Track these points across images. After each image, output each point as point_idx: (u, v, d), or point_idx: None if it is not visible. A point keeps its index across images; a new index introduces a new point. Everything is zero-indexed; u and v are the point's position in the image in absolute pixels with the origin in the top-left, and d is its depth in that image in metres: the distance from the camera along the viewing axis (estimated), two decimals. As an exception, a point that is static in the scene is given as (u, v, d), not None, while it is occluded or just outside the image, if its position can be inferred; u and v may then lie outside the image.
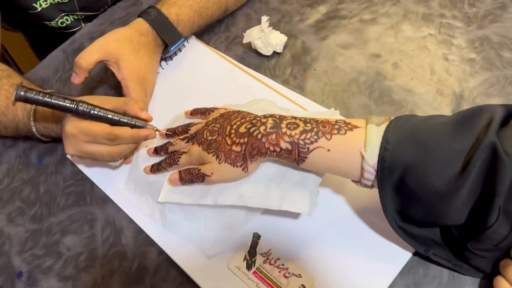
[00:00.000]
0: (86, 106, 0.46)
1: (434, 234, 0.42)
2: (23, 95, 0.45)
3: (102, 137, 0.46)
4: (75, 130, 0.47)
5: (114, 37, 0.54)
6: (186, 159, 0.46)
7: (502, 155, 0.34)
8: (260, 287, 0.44)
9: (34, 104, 0.46)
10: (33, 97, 0.45)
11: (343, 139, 0.39)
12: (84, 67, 0.51)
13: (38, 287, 0.50)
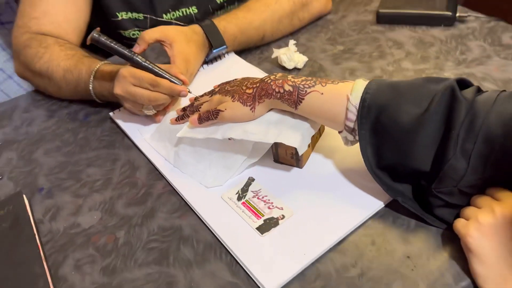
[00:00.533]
0: (140, 58, 0.59)
1: (406, 189, 0.47)
2: (97, 37, 0.58)
3: (147, 82, 0.58)
4: (127, 73, 0.59)
5: (173, 28, 0.68)
6: (207, 105, 0.56)
7: (459, 96, 0.42)
8: (246, 213, 0.49)
9: (103, 47, 0.59)
10: (104, 41, 0.59)
11: (335, 87, 0.48)
12: (146, 39, 0.64)
13: (53, 199, 0.57)
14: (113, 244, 0.50)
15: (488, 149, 0.41)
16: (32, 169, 0.62)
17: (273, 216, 0.49)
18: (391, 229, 0.46)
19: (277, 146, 0.53)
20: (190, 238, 0.49)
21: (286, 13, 0.76)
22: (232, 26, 0.73)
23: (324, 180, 0.52)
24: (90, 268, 0.48)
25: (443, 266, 0.42)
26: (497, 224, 0.39)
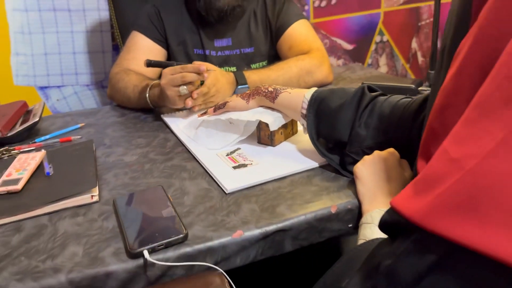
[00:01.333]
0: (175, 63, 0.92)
1: (335, 157, 0.70)
2: (148, 61, 0.93)
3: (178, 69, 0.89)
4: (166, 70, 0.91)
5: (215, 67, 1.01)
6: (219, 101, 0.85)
7: (367, 92, 0.67)
8: (228, 161, 0.74)
9: (155, 66, 0.94)
10: (154, 62, 0.93)
11: (298, 90, 0.75)
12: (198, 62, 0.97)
13: (110, 149, 0.85)
14: (141, 169, 0.76)
15: (380, 122, 0.64)
16: (102, 136, 0.93)
17: (244, 163, 0.73)
18: (316, 176, 0.68)
19: (259, 130, 0.80)
20: (190, 170, 0.74)
21: (294, 75, 1.07)
22: (255, 76, 1.05)
23: (286, 152, 0.76)
24: (122, 177, 0.74)
25: (343, 192, 0.63)
26: (374, 159, 0.61)
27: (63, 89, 1.70)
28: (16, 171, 0.73)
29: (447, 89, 0.42)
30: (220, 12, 1.11)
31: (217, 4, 1.10)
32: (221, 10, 1.11)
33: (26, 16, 1.59)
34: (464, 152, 0.34)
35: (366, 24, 2.18)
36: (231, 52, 1.19)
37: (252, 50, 1.21)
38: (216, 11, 1.11)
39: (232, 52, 1.19)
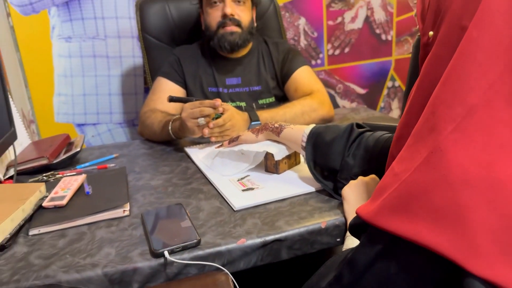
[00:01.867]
0: (194, 99, 1.07)
1: (329, 184, 0.82)
2: (170, 97, 1.09)
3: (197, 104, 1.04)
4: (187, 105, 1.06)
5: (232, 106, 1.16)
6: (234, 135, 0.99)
7: (355, 128, 0.80)
8: (238, 185, 0.87)
9: (176, 101, 1.09)
10: (175, 98, 1.09)
11: (299, 126, 0.88)
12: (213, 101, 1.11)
13: (140, 174, 0.99)
14: (165, 191, 0.89)
15: (366, 153, 0.76)
16: (133, 164, 1.07)
17: (252, 187, 0.85)
18: (312, 199, 0.80)
19: (266, 160, 0.92)
20: (205, 192, 0.87)
21: (299, 111, 1.21)
22: (266, 114, 1.19)
23: (288, 179, 0.89)
24: (149, 196, 0.87)
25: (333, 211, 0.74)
26: (357, 183, 0.72)
27: (98, 126, 1.89)
28: (62, 189, 0.87)
29: (401, 124, 0.55)
30: (232, 44, 1.29)
31: (229, 38, 1.29)
32: (232, 42, 1.29)
33: (69, 61, 1.81)
34: (402, 167, 0.46)
35: (378, 70, 2.33)
36: (241, 89, 1.36)
37: (259, 88, 1.37)
38: (228, 44, 1.30)
39: (242, 89, 1.36)
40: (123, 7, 1.79)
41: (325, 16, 2.14)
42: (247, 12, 1.32)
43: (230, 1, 1.28)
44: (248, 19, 1.32)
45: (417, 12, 0.55)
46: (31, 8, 1.70)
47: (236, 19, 1.29)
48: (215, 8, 1.30)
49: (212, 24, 1.31)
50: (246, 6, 1.32)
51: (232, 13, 1.28)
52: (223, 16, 1.28)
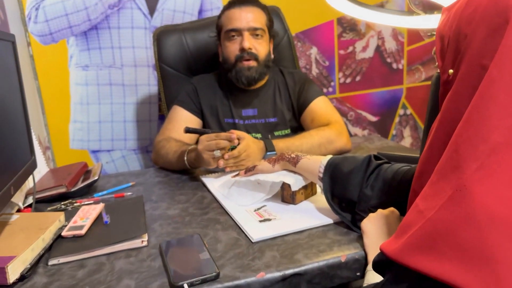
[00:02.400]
0: (210, 131, 1.08)
1: (347, 215, 0.81)
2: (187, 128, 1.10)
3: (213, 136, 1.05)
4: (203, 137, 1.07)
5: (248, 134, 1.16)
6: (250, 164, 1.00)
7: (373, 160, 0.80)
8: (254, 215, 0.87)
9: (192, 132, 1.11)
10: (191, 129, 1.10)
11: (316, 157, 0.89)
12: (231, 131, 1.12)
13: (157, 203, 1.00)
14: (182, 221, 0.90)
15: (384, 185, 0.76)
16: (150, 193, 1.08)
17: (269, 217, 0.85)
18: (330, 231, 0.80)
19: (283, 190, 0.93)
20: (222, 222, 0.87)
21: (316, 143, 1.22)
22: (281, 144, 1.20)
23: (305, 209, 0.89)
24: (166, 226, 0.87)
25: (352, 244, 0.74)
26: (377, 216, 0.72)
27: (112, 153, 1.92)
28: (80, 219, 0.88)
29: (422, 159, 0.55)
30: (249, 79, 1.32)
31: (246, 73, 1.31)
32: (249, 77, 1.31)
33: (86, 89, 1.85)
34: (427, 205, 0.46)
35: (390, 98, 2.34)
36: (257, 121, 1.37)
37: (275, 120, 1.38)
38: (246, 79, 1.32)
39: (258, 121, 1.37)
40: (140, 37, 1.84)
41: (337, 45, 2.18)
42: (264, 45, 1.35)
43: (248, 34, 1.31)
44: (266, 52, 1.35)
45: (436, 50, 0.56)
46: (50, 37, 1.76)
47: (253, 53, 1.31)
48: (233, 42, 1.33)
49: (230, 57, 1.33)
50: (264, 39, 1.34)
51: (250, 47, 1.30)
52: (241, 49, 1.31)
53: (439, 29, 0.56)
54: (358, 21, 2.18)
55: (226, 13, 1.35)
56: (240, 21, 1.31)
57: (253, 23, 1.31)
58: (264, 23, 1.34)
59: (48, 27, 1.74)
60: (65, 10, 1.74)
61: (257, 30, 1.32)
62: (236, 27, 1.31)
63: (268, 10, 1.40)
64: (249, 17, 1.31)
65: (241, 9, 1.32)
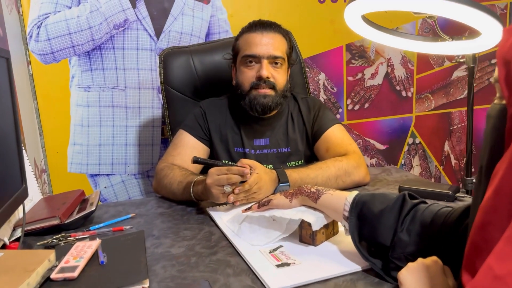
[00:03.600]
0: (221, 163, 0.99)
1: (377, 262, 0.71)
2: (195, 158, 1.01)
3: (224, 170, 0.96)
4: (213, 170, 0.98)
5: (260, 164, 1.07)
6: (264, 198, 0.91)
7: (408, 199, 0.71)
8: (270, 258, 0.77)
9: (201, 163, 1.01)
10: (200, 160, 1.02)
11: (340, 192, 0.80)
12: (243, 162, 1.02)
13: (159, 240, 0.90)
14: (188, 262, 0.80)
15: (422, 230, 0.67)
16: (151, 226, 0.98)
17: (287, 262, 0.75)
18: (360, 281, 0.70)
19: (301, 229, 0.83)
20: (234, 266, 0.77)
21: (332, 175, 1.12)
22: (295, 175, 1.11)
23: (328, 253, 0.79)
24: (170, 269, 0.77)
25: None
26: (418, 267, 0.62)
27: (112, 177, 1.82)
28: (74, 258, 0.78)
29: (486, 207, 0.46)
30: (264, 107, 1.23)
31: (262, 101, 1.22)
32: (265, 105, 1.22)
33: (87, 111, 1.78)
34: (508, 269, 0.37)
35: (398, 127, 2.27)
36: (269, 151, 1.28)
37: (288, 150, 1.29)
38: (260, 107, 1.22)
39: (270, 151, 1.28)
40: (145, 59, 1.77)
41: (345, 72, 2.12)
42: (283, 74, 1.26)
43: (267, 63, 1.22)
44: (284, 82, 1.26)
45: (499, 77, 0.48)
46: (52, 56, 1.69)
47: (271, 81, 1.22)
48: (250, 68, 1.24)
49: (245, 84, 1.25)
50: (283, 68, 1.26)
51: (268, 76, 1.22)
52: (258, 77, 1.22)
53: (502, 52, 0.48)
54: (367, 48, 2.13)
55: (245, 36, 1.26)
56: (260, 47, 1.22)
57: (274, 51, 1.22)
58: (284, 51, 1.26)
59: (50, 46, 1.68)
60: (68, 29, 1.68)
61: (277, 59, 1.23)
62: (255, 53, 1.22)
63: (290, 36, 1.32)
64: (270, 44, 1.22)
65: (263, 34, 1.23)
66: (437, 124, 2.33)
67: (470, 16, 0.83)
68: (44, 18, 1.66)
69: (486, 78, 2.35)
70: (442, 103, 2.30)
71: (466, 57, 1.05)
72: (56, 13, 1.66)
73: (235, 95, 1.29)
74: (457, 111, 2.34)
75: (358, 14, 1.00)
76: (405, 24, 2.12)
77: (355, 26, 1.07)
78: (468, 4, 0.80)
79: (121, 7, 1.72)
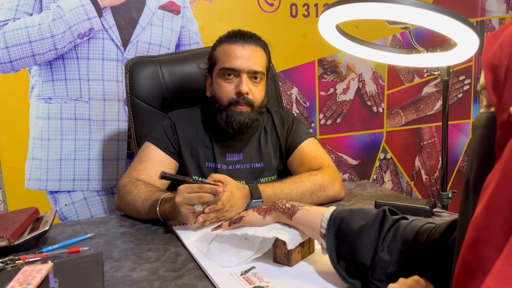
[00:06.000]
0: (192, 180, 0.93)
1: (357, 283, 0.66)
2: (164, 174, 0.94)
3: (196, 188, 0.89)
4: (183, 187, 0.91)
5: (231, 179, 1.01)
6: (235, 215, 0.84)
7: (388, 215, 0.67)
8: (242, 281, 0.70)
9: (169, 179, 0.94)
10: (168, 176, 0.95)
11: (316, 208, 0.75)
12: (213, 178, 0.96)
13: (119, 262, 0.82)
14: (150, 286, 0.72)
15: (404, 248, 0.63)
16: (111, 248, 0.90)
17: (260, 285, 0.69)
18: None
19: (275, 248, 0.77)
20: (202, 290, 0.70)
21: (307, 190, 1.08)
22: (269, 190, 1.05)
23: (304, 274, 0.73)
24: (130, 295, 0.70)
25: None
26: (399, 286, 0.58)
27: (73, 194, 1.71)
28: (20, 285, 0.69)
29: (478, 224, 0.42)
30: (241, 125, 1.17)
31: (238, 118, 1.16)
32: (241, 123, 1.16)
33: (47, 123, 1.67)
34: (511, 292, 0.32)
35: (370, 142, 2.27)
36: (242, 166, 1.22)
37: (261, 165, 1.23)
38: (237, 124, 1.16)
39: (243, 166, 1.22)
40: (110, 69, 1.69)
41: (317, 86, 2.11)
42: (261, 89, 1.21)
43: (247, 78, 1.16)
44: (261, 98, 1.21)
45: (486, 84, 0.45)
46: (10, 66, 1.59)
47: (250, 99, 1.17)
48: (228, 81, 1.18)
49: (223, 98, 1.18)
50: (261, 83, 1.21)
51: (247, 92, 1.16)
52: (237, 93, 1.16)
53: (487, 59, 0.45)
54: (339, 63, 2.13)
55: (224, 47, 1.20)
56: (240, 61, 1.16)
57: (254, 66, 1.17)
58: (264, 65, 1.21)
59: (8, 54, 1.58)
60: (29, 37, 1.59)
61: (257, 74, 1.18)
62: (235, 67, 1.16)
63: (268, 49, 1.26)
64: (251, 58, 1.17)
65: (243, 46, 1.17)
66: (407, 140, 2.35)
67: (446, 25, 0.81)
68: (2, 25, 1.56)
69: (454, 95, 2.40)
70: (413, 119, 2.33)
71: (441, 69, 1.04)
72: (15, 20, 1.57)
73: (209, 108, 1.23)
74: (427, 127, 2.36)
75: (333, 23, 0.97)
76: (376, 40, 2.14)
77: (330, 37, 1.04)
78: (443, 13, 0.79)
79: (86, 15, 1.64)
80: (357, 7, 0.84)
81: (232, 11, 1.84)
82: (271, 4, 1.93)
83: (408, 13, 0.80)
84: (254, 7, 1.89)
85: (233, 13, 1.85)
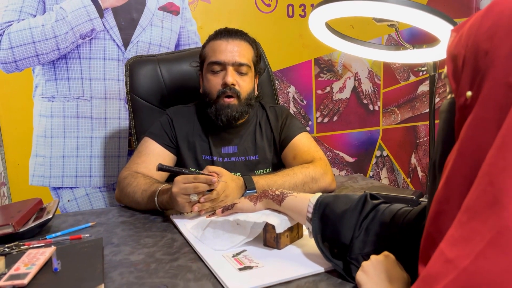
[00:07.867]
0: (188, 171, 0.97)
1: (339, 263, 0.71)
2: (160, 166, 0.99)
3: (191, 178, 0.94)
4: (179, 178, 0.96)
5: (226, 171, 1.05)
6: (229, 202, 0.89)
7: (369, 200, 0.71)
8: (233, 262, 0.75)
9: (166, 171, 0.99)
10: (165, 168, 0.99)
11: (304, 194, 0.79)
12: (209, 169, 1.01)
13: (118, 248, 0.87)
14: (147, 269, 0.77)
15: (381, 229, 0.67)
16: (111, 235, 0.95)
17: (250, 265, 0.74)
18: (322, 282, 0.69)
19: (266, 232, 0.82)
20: (195, 271, 0.75)
21: (299, 181, 1.12)
22: (262, 181, 1.10)
23: (291, 255, 0.78)
24: (127, 275, 0.74)
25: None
26: (372, 263, 0.62)
27: (75, 190, 1.76)
28: (25, 265, 0.74)
29: (439, 198, 0.46)
30: (229, 117, 1.22)
31: (226, 111, 1.22)
32: (229, 115, 1.22)
33: (50, 121, 1.72)
34: (458, 252, 0.37)
35: (366, 139, 2.31)
36: (237, 159, 1.27)
37: (256, 158, 1.28)
38: (225, 117, 1.22)
39: (238, 159, 1.27)
40: (112, 69, 1.75)
41: (314, 85, 2.16)
42: (248, 82, 1.26)
43: (232, 70, 1.22)
44: (249, 90, 1.26)
45: (447, 72, 0.49)
46: (14, 65, 1.64)
47: (236, 89, 1.22)
48: (215, 75, 1.23)
49: (212, 91, 1.24)
50: (248, 76, 1.26)
51: (233, 82, 1.21)
52: (223, 84, 1.22)
53: (449, 49, 0.50)
54: (335, 62, 2.18)
55: (211, 44, 1.26)
56: (225, 54, 1.22)
57: (239, 58, 1.23)
58: (250, 58, 1.26)
59: (13, 54, 1.63)
60: (33, 37, 1.64)
61: (242, 66, 1.23)
62: (220, 60, 1.22)
63: (257, 45, 1.32)
64: (235, 51, 1.23)
65: (228, 41, 1.24)
66: (403, 137, 2.39)
67: (429, 23, 0.86)
68: (7, 26, 1.61)
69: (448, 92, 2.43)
70: (408, 117, 2.36)
71: (428, 65, 1.08)
72: (20, 21, 1.62)
73: (202, 103, 1.29)
74: (422, 125, 2.40)
75: (322, 21, 1.02)
76: (372, 39, 2.18)
77: (320, 34, 1.09)
78: (427, 11, 0.83)
79: (88, 16, 1.69)
80: (343, 6, 0.89)
81: (230, 12, 1.89)
82: (268, 4, 1.98)
83: (391, 10, 0.85)
84: (252, 8, 1.94)
85: (230, 13, 1.90)
